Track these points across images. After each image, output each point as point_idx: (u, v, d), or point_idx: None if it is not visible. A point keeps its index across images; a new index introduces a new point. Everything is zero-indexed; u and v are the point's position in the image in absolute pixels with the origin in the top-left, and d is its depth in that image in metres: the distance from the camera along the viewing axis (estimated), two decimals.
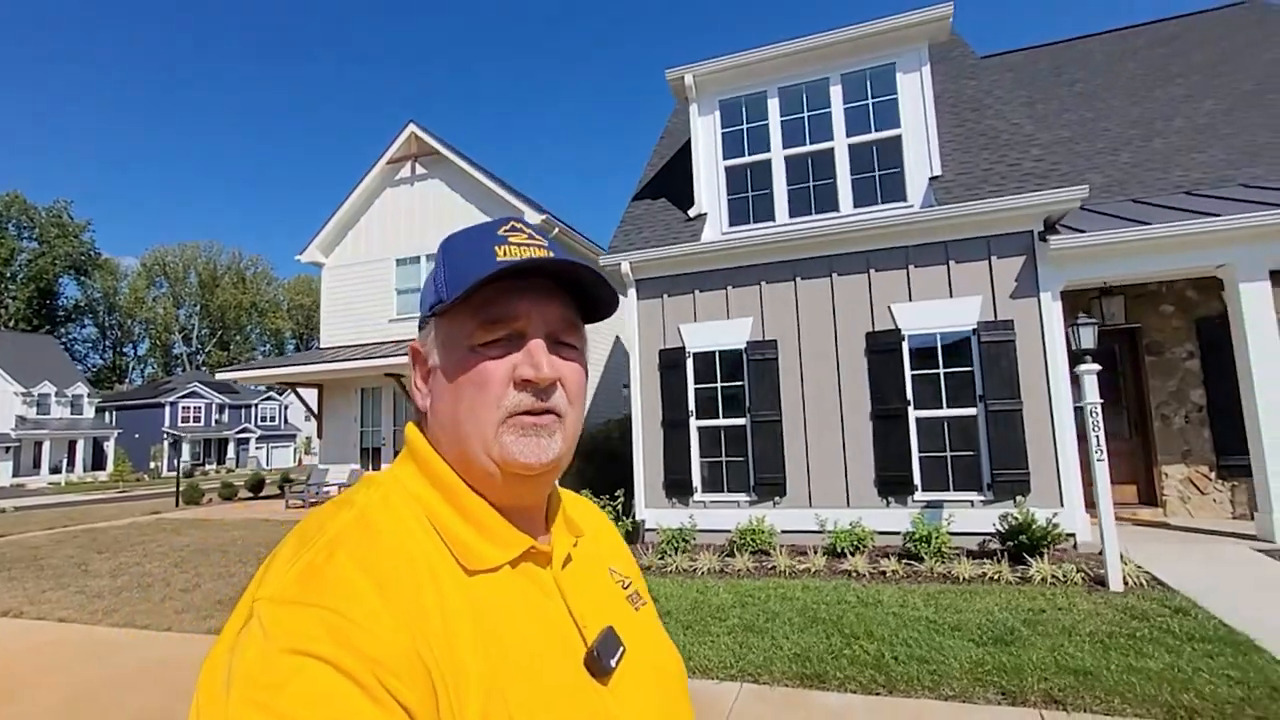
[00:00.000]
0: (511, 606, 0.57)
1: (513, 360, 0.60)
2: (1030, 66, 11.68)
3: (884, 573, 5.65)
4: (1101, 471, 5.13)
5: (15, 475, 37.18)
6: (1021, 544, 5.67)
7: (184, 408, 48.55)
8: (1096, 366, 5.18)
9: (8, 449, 37.23)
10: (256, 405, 52.81)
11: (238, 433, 51.01)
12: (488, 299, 0.60)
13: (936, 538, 5.93)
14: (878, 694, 3.51)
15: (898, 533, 6.44)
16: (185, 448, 47.27)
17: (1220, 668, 3.49)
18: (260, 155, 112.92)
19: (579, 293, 0.65)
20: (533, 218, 13.18)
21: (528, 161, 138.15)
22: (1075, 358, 5.49)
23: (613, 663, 0.59)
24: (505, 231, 0.64)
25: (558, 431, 0.61)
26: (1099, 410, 5.16)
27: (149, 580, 7.04)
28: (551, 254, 0.63)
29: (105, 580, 7.12)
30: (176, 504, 15.46)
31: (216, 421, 50.84)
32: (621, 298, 7.95)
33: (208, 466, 47.68)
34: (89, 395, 43.22)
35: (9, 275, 54.34)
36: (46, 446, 39.27)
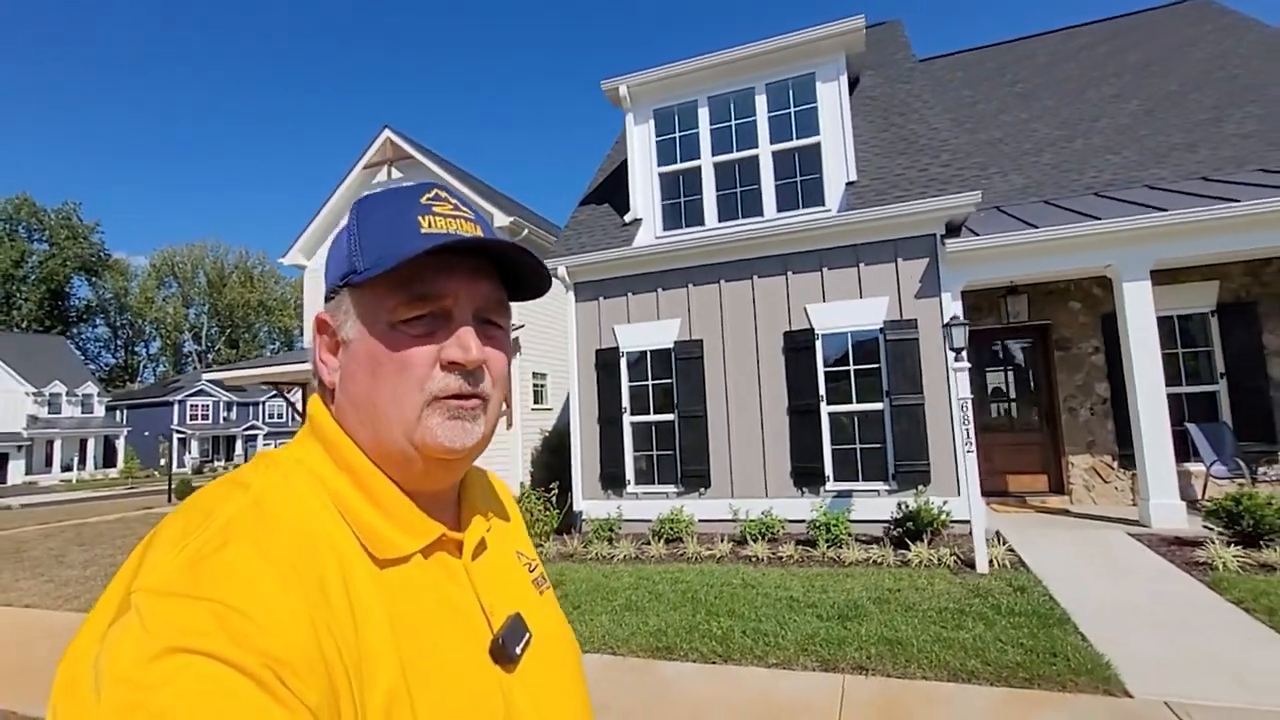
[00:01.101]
0: (421, 597, 0.56)
1: (438, 340, 0.57)
2: (979, 66, 11.93)
3: (780, 558, 6.07)
4: (970, 462, 5.51)
5: (28, 473, 38.27)
6: (909, 530, 6.06)
7: (192, 406, 49.55)
8: (967, 364, 5.55)
9: (20, 448, 38.31)
10: (264, 403, 53.75)
11: (245, 430, 51.98)
12: (413, 274, 0.56)
13: (835, 526, 6.32)
14: (714, 663, 3.93)
15: (808, 521, 6.84)
16: (194, 445, 48.39)
17: (1019, 638, 3.89)
18: (262, 149, 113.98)
19: (508, 270, 0.63)
20: (501, 219, 13.59)
21: (523, 151, 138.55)
22: (980, 356, 5.85)
23: (518, 650, 0.59)
24: (429, 200, 0.60)
25: (481, 416, 0.59)
26: (969, 405, 5.53)
27: (115, 569, 7.56)
28: (479, 228, 0.61)
29: (76, 570, 7.67)
30: (169, 500, 16.11)
31: (224, 419, 51.84)
32: (565, 296, 8.44)
33: (216, 463, 48.70)
34: (99, 394, 44.27)
35: (20, 277, 55.51)
36: (58, 445, 40.35)
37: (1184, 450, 6.95)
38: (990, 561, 5.40)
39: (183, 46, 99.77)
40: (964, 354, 5.61)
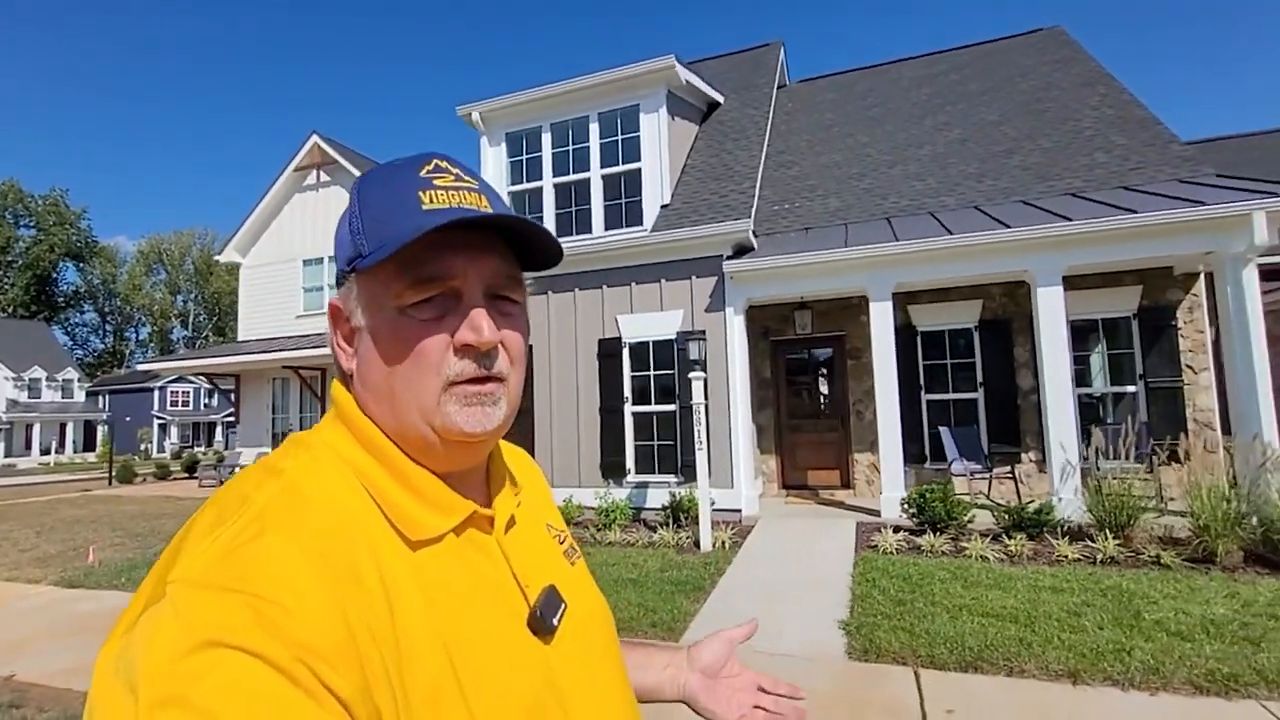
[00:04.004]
0: (455, 575, 0.55)
1: (450, 324, 0.55)
2: (850, 88, 12.70)
3: None
4: (701, 459, 6.38)
5: (7, 456, 39.30)
6: (669, 517, 6.96)
7: (173, 392, 50.50)
8: (703, 374, 6.42)
9: (0, 430, 39.32)
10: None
11: (225, 416, 52.88)
12: (416, 255, 0.54)
13: (612, 512, 7.21)
14: None
15: (596, 508, 7.73)
16: (174, 430, 49.47)
17: (648, 602, 4.78)
18: (250, 136, 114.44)
19: (517, 241, 0.60)
20: None
21: None
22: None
23: (555, 621, 0.59)
24: (429, 172, 0.57)
25: (502, 398, 0.58)
26: (703, 410, 6.41)
27: (2, 544, 8.49)
28: (484, 198, 0.58)
29: None
30: (109, 483, 17.02)
31: (205, 405, 52.82)
32: None
33: (196, 448, 49.74)
34: (79, 380, 45.27)
35: (6, 263, 56.34)
36: (37, 428, 41.37)
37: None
38: (715, 543, 6.30)
39: (170, 30, 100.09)
40: (700, 366, 6.48)
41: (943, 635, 3.83)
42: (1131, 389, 7.59)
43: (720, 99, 10.79)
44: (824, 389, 9.28)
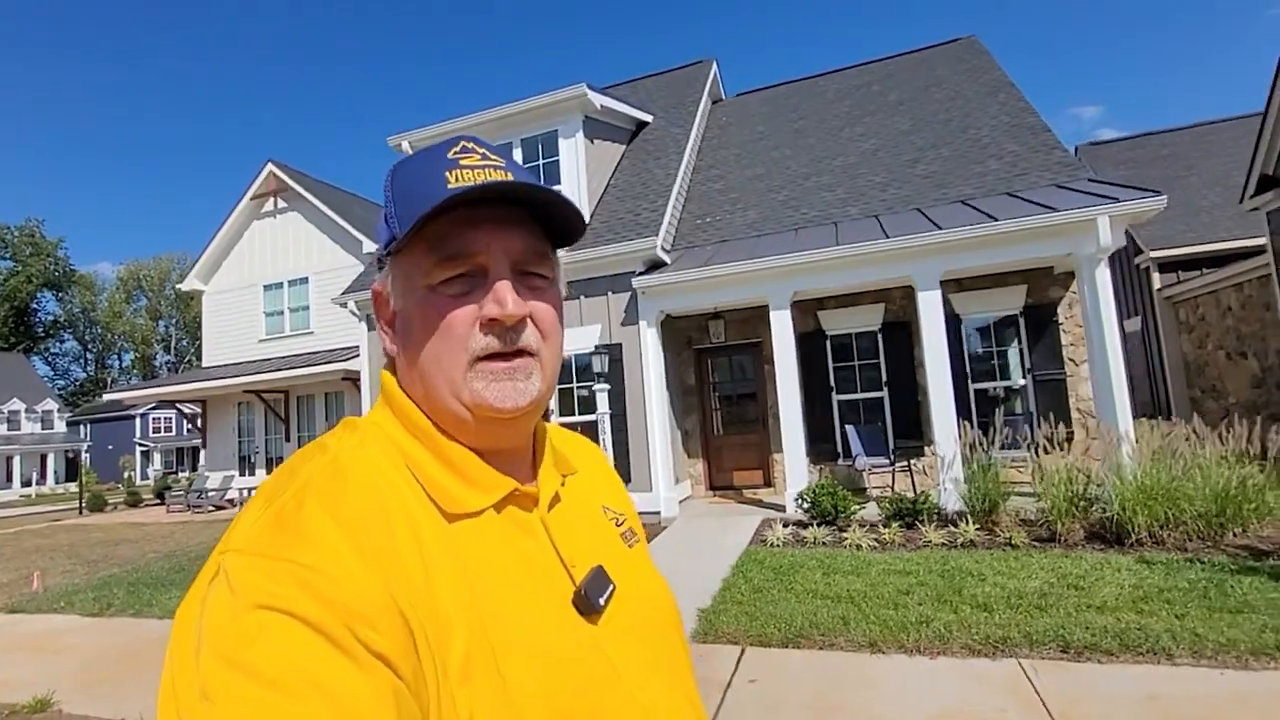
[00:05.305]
0: (495, 550, 0.56)
1: (476, 299, 0.56)
2: (782, 100, 13.21)
3: None
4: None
5: None
6: None
7: (154, 419, 50.39)
8: (606, 386, 6.84)
9: None
10: None
11: None
12: (442, 233, 0.55)
13: None
14: None
15: None
16: (156, 457, 49.39)
17: None
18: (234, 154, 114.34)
19: (545, 216, 0.61)
20: (371, 246, 14.81)
21: None
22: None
23: (601, 601, 0.59)
24: (456, 153, 0.59)
25: (535, 372, 0.58)
26: (607, 419, 6.82)
27: None
28: (511, 175, 0.58)
29: None
30: (80, 512, 17.22)
31: (188, 430, 52.69)
32: (362, 326, 9.67)
33: (180, 474, 49.66)
34: (59, 410, 45.23)
35: None
36: (18, 461, 41.31)
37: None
38: None
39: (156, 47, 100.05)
40: (603, 378, 6.90)
41: (776, 617, 4.24)
42: (1022, 382, 8.06)
43: (649, 118, 11.27)
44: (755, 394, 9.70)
